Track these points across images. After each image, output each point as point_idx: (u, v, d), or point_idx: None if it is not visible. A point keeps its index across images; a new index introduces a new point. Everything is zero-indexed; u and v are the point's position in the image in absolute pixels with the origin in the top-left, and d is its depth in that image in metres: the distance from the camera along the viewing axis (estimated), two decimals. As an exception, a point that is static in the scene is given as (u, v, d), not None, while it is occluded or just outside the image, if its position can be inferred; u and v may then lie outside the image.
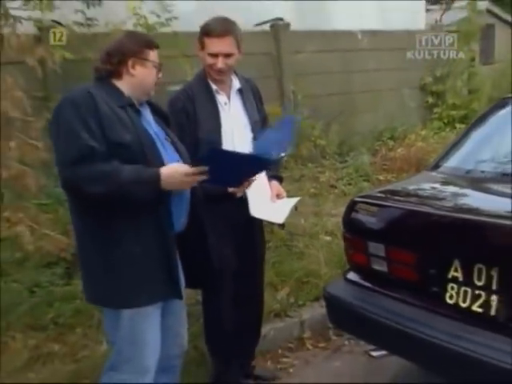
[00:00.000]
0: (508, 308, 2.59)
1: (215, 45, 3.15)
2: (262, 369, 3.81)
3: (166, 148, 2.70)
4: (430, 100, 8.97)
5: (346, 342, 4.09)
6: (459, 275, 2.76)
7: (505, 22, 19.17)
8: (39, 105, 4.75)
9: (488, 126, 3.64)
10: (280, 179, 3.53)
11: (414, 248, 2.99)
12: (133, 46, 2.66)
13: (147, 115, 2.75)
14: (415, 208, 3.10)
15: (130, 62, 2.63)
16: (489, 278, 2.65)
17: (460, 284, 2.76)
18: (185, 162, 2.74)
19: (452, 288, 2.79)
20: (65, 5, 5.34)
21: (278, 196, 3.40)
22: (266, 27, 7.56)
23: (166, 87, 4.34)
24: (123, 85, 2.66)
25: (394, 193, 3.42)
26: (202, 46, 3.19)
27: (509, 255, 2.60)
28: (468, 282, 2.72)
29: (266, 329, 3.99)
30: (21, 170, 4.15)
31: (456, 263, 2.77)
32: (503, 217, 2.77)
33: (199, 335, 3.65)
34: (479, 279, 2.68)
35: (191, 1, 6.47)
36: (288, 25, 7.61)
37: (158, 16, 5.82)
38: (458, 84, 8.81)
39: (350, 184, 6.67)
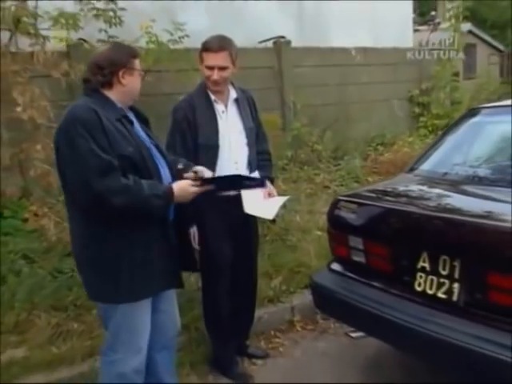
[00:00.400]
0: (467, 294, 2.63)
1: (211, 59, 3.21)
2: (256, 348, 3.85)
3: (153, 152, 2.70)
4: (417, 110, 8.95)
5: (332, 325, 4.12)
6: (427, 265, 2.80)
7: (485, 42, 19.29)
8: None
9: (457, 133, 3.66)
10: (272, 180, 3.57)
11: (387, 241, 3.03)
12: (122, 57, 2.62)
13: (136, 123, 2.73)
14: (389, 206, 3.13)
15: (120, 73, 2.60)
16: (452, 268, 2.68)
17: (427, 273, 2.79)
18: (166, 160, 2.77)
19: (420, 277, 2.82)
20: (90, 25, 5.39)
21: (270, 195, 3.43)
22: (269, 44, 7.59)
23: (177, 97, 4.40)
24: (114, 94, 2.62)
25: (372, 192, 3.45)
26: (201, 60, 3.25)
27: (469, 248, 2.64)
28: (434, 271, 2.76)
29: (260, 313, 4.04)
30: (46, 170, 4.25)
31: (424, 255, 2.80)
32: (466, 214, 2.82)
33: (200, 318, 3.70)
34: (444, 269, 2.72)
35: (200, 20, 6.51)
36: (289, 42, 7.63)
37: (172, 34, 5.87)
38: (442, 96, 8.79)
39: (342, 185, 6.68)
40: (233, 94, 3.40)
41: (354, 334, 3.31)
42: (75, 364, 3.44)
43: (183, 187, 2.63)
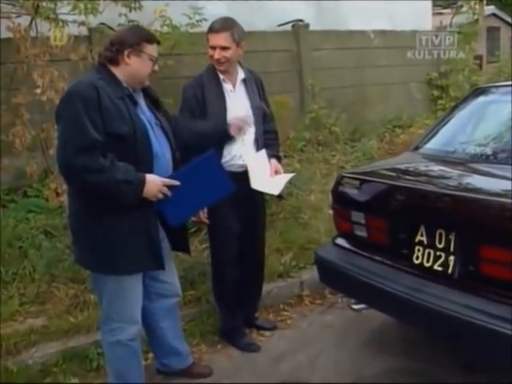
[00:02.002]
0: (461, 266, 2.68)
1: (213, 39, 3.32)
2: (264, 320, 3.95)
3: (155, 131, 2.77)
4: (435, 93, 8.86)
5: (340, 300, 4.17)
6: (424, 239, 2.85)
7: (509, 24, 18.95)
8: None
9: (461, 113, 3.67)
10: (278, 158, 3.63)
11: (388, 216, 3.08)
12: (131, 37, 2.70)
13: (141, 103, 2.79)
14: (390, 182, 3.18)
15: (126, 52, 2.67)
16: (447, 242, 2.74)
17: (425, 247, 2.85)
18: (170, 141, 2.85)
19: (418, 250, 2.88)
20: (111, 9, 5.46)
21: (276, 172, 3.50)
22: (288, 27, 7.56)
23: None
24: (119, 72, 2.69)
25: (374, 169, 3.51)
26: (207, 41, 3.36)
27: (463, 222, 2.69)
28: (431, 244, 2.81)
29: (270, 287, 4.15)
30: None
31: (422, 229, 2.85)
32: (460, 189, 2.86)
33: (210, 291, 3.81)
34: (440, 242, 2.77)
35: (220, 4, 6.52)
36: (307, 25, 7.60)
37: (190, 18, 5.92)
38: (460, 79, 8.70)
39: (357, 166, 6.69)
40: (241, 74, 3.47)
41: (356, 306, 3.38)
42: (91, 332, 3.58)
43: (153, 180, 2.64)
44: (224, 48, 3.30)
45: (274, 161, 3.53)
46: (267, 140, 3.56)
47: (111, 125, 2.56)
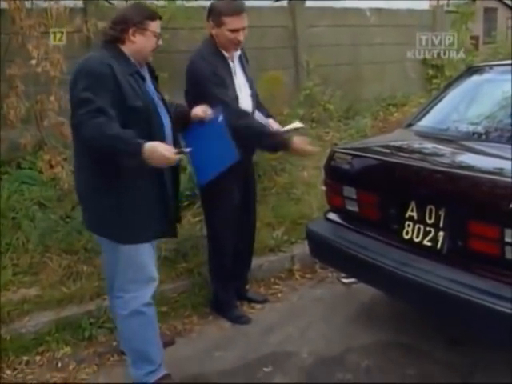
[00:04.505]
0: (450, 242, 2.71)
1: (237, 22, 3.23)
2: (255, 292, 3.99)
3: (159, 105, 2.83)
4: (430, 72, 8.84)
5: (330, 274, 4.20)
6: (414, 214, 2.86)
7: (507, 6, 18.87)
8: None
9: (455, 91, 3.67)
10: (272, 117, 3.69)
11: (379, 191, 3.09)
12: (134, 16, 2.73)
13: (147, 77, 2.85)
14: (382, 158, 3.19)
15: (130, 31, 2.71)
16: (437, 217, 2.75)
17: (415, 222, 2.86)
18: (169, 113, 2.90)
19: (408, 225, 2.89)
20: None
21: None
22: (284, 3, 7.53)
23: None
24: (126, 49, 2.74)
25: (366, 145, 3.52)
26: (220, 24, 3.24)
27: (453, 198, 2.70)
28: (421, 220, 2.83)
29: (261, 261, 4.18)
30: (59, 121, 4.36)
31: (412, 204, 2.87)
32: (451, 166, 2.88)
33: (203, 263, 3.85)
34: (430, 218, 2.79)
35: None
36: (303, 1, 7.56)
37: (187, -8, 5.87)
38: (455, 58, 8.67)
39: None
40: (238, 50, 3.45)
41: (345, 280, 3.42)
42: (83, 303, 3.61)
43: (155, 146, 2.53)
44: (245, 28, 3.27)
45: (271, 120, 3.59)
46: (257, 105, 3.60)
47: (127, 99, 2.62)
